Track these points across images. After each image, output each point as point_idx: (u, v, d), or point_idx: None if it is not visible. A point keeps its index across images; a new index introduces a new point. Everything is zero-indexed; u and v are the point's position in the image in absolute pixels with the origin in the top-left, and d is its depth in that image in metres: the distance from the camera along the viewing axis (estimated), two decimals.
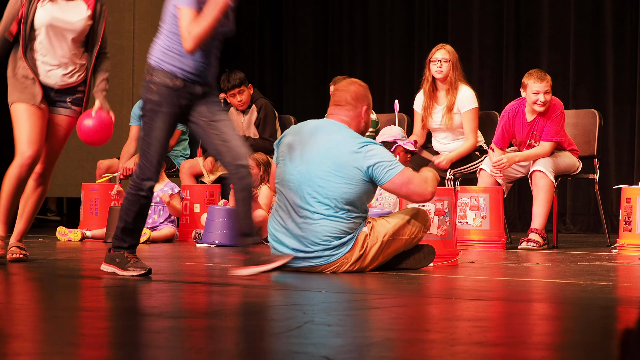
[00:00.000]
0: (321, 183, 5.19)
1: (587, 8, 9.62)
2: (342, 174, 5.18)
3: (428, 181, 5.27)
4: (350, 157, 5.19)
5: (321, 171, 5.19)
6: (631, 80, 9.47)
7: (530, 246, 7.21)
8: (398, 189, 5.23)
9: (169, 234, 7.89)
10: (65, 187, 10.75)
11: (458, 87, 7.78)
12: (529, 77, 7.40)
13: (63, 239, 7.83)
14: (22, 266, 5.52)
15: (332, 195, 5.18)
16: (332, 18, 11.17)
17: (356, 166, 5.17)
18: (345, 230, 5.20)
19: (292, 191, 5.26)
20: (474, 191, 7.31)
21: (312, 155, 5.24)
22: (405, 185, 5.21)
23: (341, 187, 5.18)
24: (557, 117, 7.40)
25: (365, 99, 5.36)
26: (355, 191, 5.19)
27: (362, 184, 5.20)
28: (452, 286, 4.91)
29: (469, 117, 7.75)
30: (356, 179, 5.18)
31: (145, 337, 3.15)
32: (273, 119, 8.76)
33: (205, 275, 5.42)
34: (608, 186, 9.00)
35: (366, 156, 5.18)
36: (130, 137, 9.16)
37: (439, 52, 7.79)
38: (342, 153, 5.20)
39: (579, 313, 3.96)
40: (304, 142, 5.30)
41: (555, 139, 7.38)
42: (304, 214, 5.21)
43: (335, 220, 5.18)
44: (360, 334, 3.32)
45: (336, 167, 5.18)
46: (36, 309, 3.96)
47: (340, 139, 5.24)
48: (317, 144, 5.26)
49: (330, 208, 5.18)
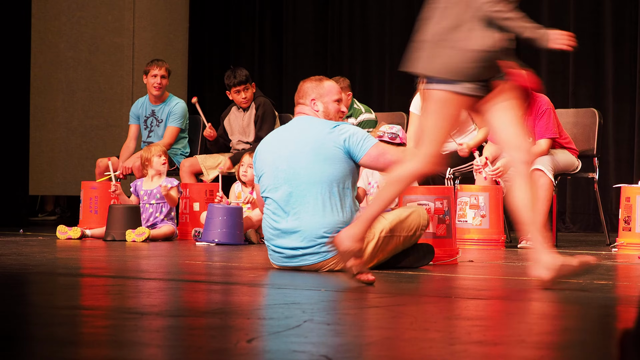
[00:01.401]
0: (306, 172, 5.20)
1: (587, 7, 9.62)
2: (324, 156, 5.21)
3: (405, 150, 5.34)
4: (326, 137, 5.23)
5: (303, 162, 5.22)
6: (631, 79, 9.47)
7: (530, 245, 7.19)
8: (376, 161, 5.25)
9: (168, 232, 7.90)
10: (64, 186, 10.75)
11: None
12: None
13: (63, 237, 7.83)
14: (21, 265, 5.52)
15: (319, 181, 5.19)
16: (332, 16, 11.17)
17: (334, 144, 5.21)
18: (339, 221, 5.18)
19: (280, 192, 5.26)
20: (474, 190, 7.31)
21: (291, 150, 5.27)
22: (382, 156, 5.24)
23: (326, 169, 5.19)
24: (544, 113, 7.36)
25: (310, 91, 5.42)
26: (340, 170, 5.21)
27: (345, 161, 5.22)
28: (451, 285, 4.91)
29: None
30: (337, 158, 5.21)
31: (145, 336, 3.15)
32: (272, 117, 8.76)
33: (205, 273, 5.41)
34: (608, 185, 9.00)
35: (340, 133, 5.23)
36: (129, 136, 9.17)
37: None
38: (317, 137, 5.24)
39: (578, 312, 3.96)
40: (278, 145, 5.34)
41: (549, 135, 7.36)
42: (296, 210, 5.21)
43: (327, 210, 5.17)
44: (360, 332, 3.32)
45: (316, 152, 5.22)
46: (35, 307, 3.96)
47: (312, 127, 5.31)
48: (292, 139, 5.30)
49: (320, 197, 5.18)
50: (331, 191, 5.20)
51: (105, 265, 5.89)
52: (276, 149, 5.34)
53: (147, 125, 9.04)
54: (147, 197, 7.99)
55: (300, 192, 5.21)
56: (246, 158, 7.90)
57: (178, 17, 11.63)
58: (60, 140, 10.72)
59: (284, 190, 5.25)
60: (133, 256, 6.44)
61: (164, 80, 8.90)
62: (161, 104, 8.99)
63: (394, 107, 9.76)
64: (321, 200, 5.19)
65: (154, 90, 8.91)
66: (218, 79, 11.05)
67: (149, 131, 9.03)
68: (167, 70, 8.94)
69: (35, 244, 7.17)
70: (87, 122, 10.88)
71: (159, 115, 8.98)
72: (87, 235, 7.92)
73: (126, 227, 7.71)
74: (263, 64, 11.55)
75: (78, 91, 10.84)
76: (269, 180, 5.32)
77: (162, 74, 8.88)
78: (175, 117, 8.93)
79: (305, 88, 5.44)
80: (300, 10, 11.38)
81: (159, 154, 8.04)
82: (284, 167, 5.27)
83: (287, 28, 11.45)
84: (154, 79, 8.88)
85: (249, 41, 11.61)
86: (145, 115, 9.05)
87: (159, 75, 8.87)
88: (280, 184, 5.27)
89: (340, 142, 5.21)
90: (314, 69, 11.18)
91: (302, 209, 5.21)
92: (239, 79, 8.67)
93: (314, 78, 5.50)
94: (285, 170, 5.26)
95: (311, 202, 5.19)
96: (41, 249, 6.74)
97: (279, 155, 5.31)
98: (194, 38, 11.73)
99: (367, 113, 8.45)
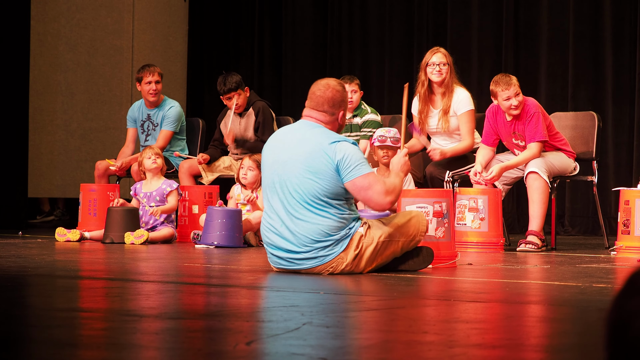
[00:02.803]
0: (296, 181, 5.18)
1: (586, 9, 9.62)
2: (314, 169, 5.15)
3: (389, 191, 5.21)
4: (321, 151, 5.16)
5: (296, 169, 5.19)
6: (630, 82, 9.47)
7: (529, 248, 7.20)
8: (357, 192, 5.17)
9: (167, 235, 7.90)
10: (63, 188, 10.75)
11: (453, 90, 7.81)
12: (497, 85, 7.38)
13: (61, 240, 7.83)
14: (20, 267, 5.52)
15: (309, 192, 5.16)
16: (332, 19, 11.17)
17: (327, 160, 5.15)
18: (337, 226, 5.17)
19: (276, 194, 5.26)
20: (473, 193, 7.31)
21: (287, 156, 5.24)
22: (364, 190, 5.16)
23: (316, 182, 5.15)
24: (533, 116, 7.35)
25: (342, 104, 5.30)
26: (329, 185, 5.15)
27: (334, 178, 5.15)
28: (450, 288, 4.91)
29: (465, 119, 7.77)
30: (327, 173, 5.14)
31: (144, 338, 3.15)
32: (271, 121, 8.74)
33: (204, 276, 5.41)
34: (607, 188, 9.00)
35: (336, 150, 5.15)
36: (127, 139, 9.17)
37: (436, 56, 7.78)
38: (313, 149, 5.18)
39: (577, 315, 3.96)
40: (280, 147, 5.31)
41: (538, 138, 7.35)
42: (291, 214, 5.20)
43: (323, 217, 5.16)
44: (359, 335, 3.32)
45: (308, 163, 5.17)
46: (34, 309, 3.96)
47: (312, 137, 5.23)
48: (292, 143, 5.27)
49: (313, 205, 5.16)
50: (323, 200, 5.17)
51: (104, 268, 5.89)
52: (277, 152, 5.32)
53: (144, 129, 9.04)
54: (146, 199, 7.99)
55: (293, 198, 5.20)
56: (246, 161, 7.90)
57: (177, 20, 11.63)
58: (59, 143, 10.72)
59: (279, 194, 5.25)
60: (132, 259, 6.44)
61: (158, 85, 8.89)
62: (156, 108, 8.99)
63: (392, 109, 9.76)
64: (313, 207, 5.17)
65: (150, 97, 8.91)
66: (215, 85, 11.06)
67: (146, 135, 9.03)
68: (160, 75, 8.92)
69: (34, 247, 7.16)
70: (86, 124, 10.88)
71: (154, 119, 8.98)
72: (86, 238, 7.92)
73: (125, 230, 7.71)
74: (262, 67, 11.54)
75: (77, 93, 10.84)
76: (267, 182, 5.32)
77: (156, 80, 8.87)
78: (168, 121, 8.92)
79: (337, 99, 5.27)
80: (300, 13, 11.38)
81: (148, 156, 8.06)
82: (280, 171, 5.26)
83: (286, 31, 11.45)
84: (148, 86, 8.88)
85: (248, 44, 11.61)
86: (141, 119, 9.05)
87: (153, 82, 8.86)
88: (275, 188, 5.26)
89: (334, 160, 5.14)
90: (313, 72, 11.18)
91: (296, 214, 5.19)
92: (229, 87, 8.61)
93: (339, 86, 5.32)
94: (280, 175, 5.25)
95: (304, 208, 5.18)
96: (40, 252, 6.74)
97: (277, 159, 5.29)
98: (193, 41, 11.73)
99: (373, 114, 8.46)
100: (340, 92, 5.30)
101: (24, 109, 10.07)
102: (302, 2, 11.37)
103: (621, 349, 2.02)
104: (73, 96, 10.81)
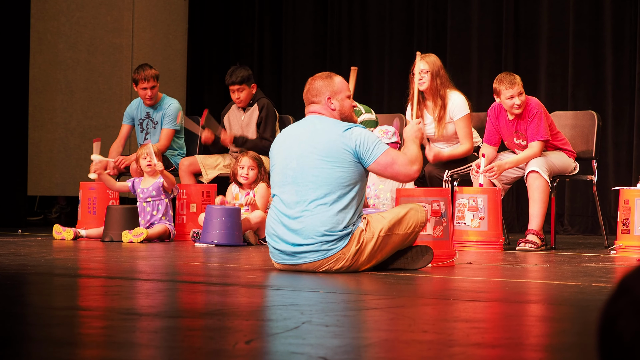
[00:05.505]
0: (315, 172, 5.20)
1: (586, 9, 9.62)
2: (333, 159, 5.20)
3: (413, 160, 5.33)
4: (338, 140, 5.23)
5: (313, 161, 5.22)
6: (630, 81, 9.47)
7: (528, 247, 7.20)
8: (383, 170, 5.30)
9: (161, 231, 7.86)
10: (63, 186, 10.74)
11: (445, 95, 7.73)
12: (500, 84, 7.37)
13: (58, 237, 7.84)
14: (19, 265, 5.52)
15: (327, 182, 5.19)
16: (332, 17, 11.16)
17: (345, 148, 5.21)
18: (343, 222, 5.18)
19: (288, 189, 5.27)
20: (472, 192, 7.31)
21: (302, 149, 5.27)
22: (390, 166, 5.27)
23: (335, 171, 5.19)
24: (535, 115, 7.36)
25: (324, 89, 5.36)
26: (349, 173, 5.21)
27: (354, 165, 5.23)
28: (450, 287, 4.91)
29: (461, 124, 7.75)
30: (347, 161, 5.21)
31: (143, 337, 3.15)
32: (274, 119, 8.75)
33: (203, 274, 5.41)
34: (606, 187, 9.00)
35: (352, 137, 5.22)
36: (119, 135, 9.16)
37: (418, 65, 7.66)
38: (329, 138, 5.24)
39: (576, 315, 3.95)
40: (291, 142, 5.33)
41: (540, 137, 7.35)
42: (301, 207, 5.22)
43: (332, 211, 5.17)
44: (358, 334, 3.32)
45: (326, 153, 5.21)
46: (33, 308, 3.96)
47: (325, 127, 5.29)
48: (304, 137, 5.30)
49: (326, 198, 5.18)
50: (338, 193, 5.20)
51: (103, 266, 5.89)
52: (288, 146, 5.34)
53: (143, 127, 9.03)
54: (142, 194, 7.99)
55: (306, 191, 5.22)
56: (245, 160, 7.88)
57: (177, 18, 11.63)
58: (59, 141, 10.72)
59: (291, 188, 5.26)
60: (131, 257, 6.44)
61: (153, 90, 8.86)
62: (155, 105, 8.97)
63: (392, 108, 9.76)
64: (327, 201, 5.19)
65: (146, 101, 8.91)
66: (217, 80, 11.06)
67: (145, 133, 9.01)
68: (155, 78, 8.87)
69: (33, 245, 7.16)
70: (85, 122, 10.87)
71: (154, 118, 8.97)
72: (81, 236, 7.92)
73: (124, 228, 7.71)
74: (262, 65, 11.54)
75: (77, 92, 10.84)
76: (278, 177, 5.33)
77: (152, 85, 8.84)
78: (169, 120, 8.91)
79: (319, 86, 5.37)
80: (300, 11, 11.38)
81: (144, 156, 8.03)
82: (293, 165, 5.28)
83: (286, 29, 11.45)
84: (143, 92, 8.87)
85: (248, 42, 11.60)
86: (140, 117, 9.04)
87: (149, 87, 8.84)
88: (288, 182, 5.28)
89: (351, 146, 5.21)
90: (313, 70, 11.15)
91: (307, 207, 5.21)
92: (234, 79, 8.65)
93: (322, 75, 5.43)
94: (294, 169, 5.27)
95: (317, 202, 5.19)
96: (39, 250, 6.74)
97: (290, 153, 5.31)
98: (193, 39, 11.73)
99: (368, 113, 8.45)
100: (323, 78, 5.39)
101: (23, 107, 10.07)
102: (302, 1, 11.37)
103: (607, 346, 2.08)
104: (73, 94, 10.80)
